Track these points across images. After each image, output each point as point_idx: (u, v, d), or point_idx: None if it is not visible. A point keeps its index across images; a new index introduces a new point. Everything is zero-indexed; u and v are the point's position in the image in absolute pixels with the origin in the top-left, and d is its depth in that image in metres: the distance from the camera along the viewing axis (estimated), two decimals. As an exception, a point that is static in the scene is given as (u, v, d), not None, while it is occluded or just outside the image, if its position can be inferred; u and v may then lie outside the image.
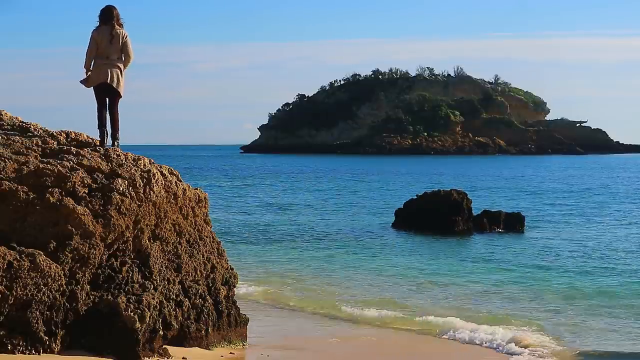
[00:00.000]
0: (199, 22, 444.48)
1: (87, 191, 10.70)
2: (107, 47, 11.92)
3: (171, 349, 11.09)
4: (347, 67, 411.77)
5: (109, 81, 11.95)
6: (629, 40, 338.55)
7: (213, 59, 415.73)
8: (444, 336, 14.29)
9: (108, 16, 11.93)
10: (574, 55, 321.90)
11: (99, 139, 11.95)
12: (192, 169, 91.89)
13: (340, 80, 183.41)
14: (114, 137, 12.04)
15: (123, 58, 12.02)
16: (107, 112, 12.09)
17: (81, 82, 12.14)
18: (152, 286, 11.08)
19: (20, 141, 11.11)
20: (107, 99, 12.10)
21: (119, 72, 12.05)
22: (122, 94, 12.15)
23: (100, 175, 10.95)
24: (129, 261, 11.04)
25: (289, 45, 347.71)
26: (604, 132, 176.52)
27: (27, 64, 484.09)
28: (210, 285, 12.15)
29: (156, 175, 11.47)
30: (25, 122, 11.94)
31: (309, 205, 44.41)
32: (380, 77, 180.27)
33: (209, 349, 11.71)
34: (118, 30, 11.91)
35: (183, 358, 11.00)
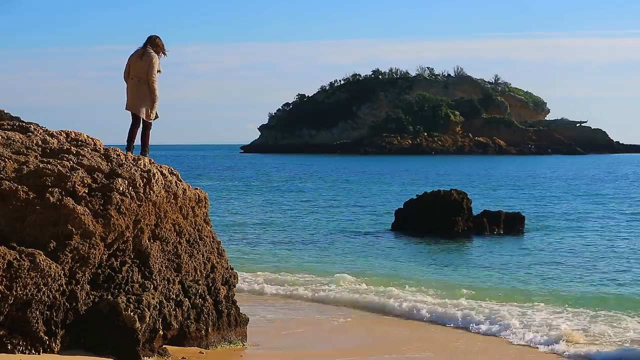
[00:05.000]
0: (197, 22, 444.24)
1: (87, 191, 10.70)
2: (135, 66, 12.42)
3: (171, 349, 11.10)
4: (347, 67, 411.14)
5: (128, 108, 12.58)
6: (629, 40, 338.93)
7: (212, 59, 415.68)
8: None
9: (147, 41, 12.49)
10: (574, 55, 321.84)
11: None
12: (192, 168, 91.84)
13: (340, 80, 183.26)
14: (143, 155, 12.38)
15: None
16: (141, 131, 12.60)
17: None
18: (152, 286, 11.08)
19: (20, 141, 11.11)
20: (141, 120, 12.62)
21: (145, 96, 12.41)
22: (147, 119, 12.52)
23: (100, 175, 10.95)
24: (129, 261, 11.04)
25: (289, 45, 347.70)
26: (604, 132, 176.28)
27: (27, 64, 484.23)
28: (210, 285, 12.16)
29: (156, 175, 11.48)
30: (25, 122, 11.94)
31: (308, 205, 44.36)
32: (380, 77, 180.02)
33: (209, 349, 11.71)
34: (149, 51, 12.38)
35: (182, 358, 11.01)
